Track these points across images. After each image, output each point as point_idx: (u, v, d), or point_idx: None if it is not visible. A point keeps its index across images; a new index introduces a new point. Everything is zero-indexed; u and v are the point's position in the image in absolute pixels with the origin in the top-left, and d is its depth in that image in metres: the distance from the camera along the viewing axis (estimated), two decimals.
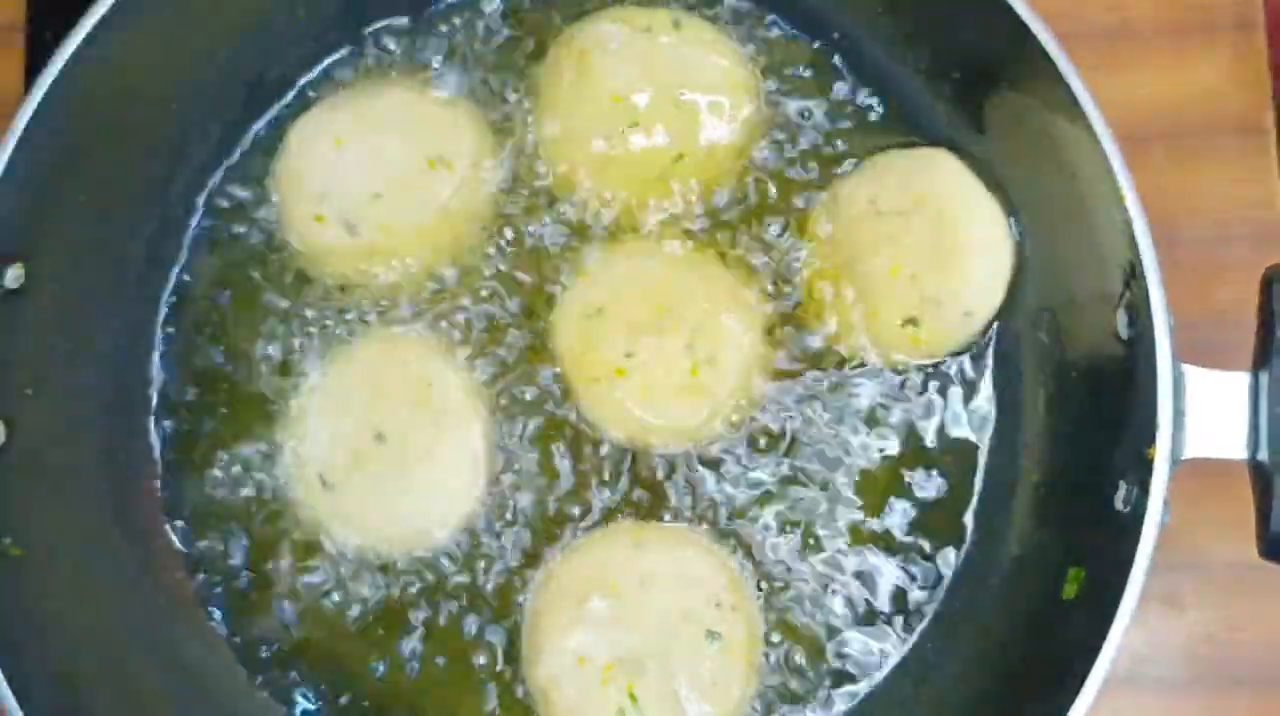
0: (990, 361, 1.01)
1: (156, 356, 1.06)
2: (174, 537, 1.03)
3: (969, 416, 1.01)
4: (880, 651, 0.99)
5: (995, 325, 1.01)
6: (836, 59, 1.06)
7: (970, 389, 1.01)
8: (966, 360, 1.01)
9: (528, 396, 1.02)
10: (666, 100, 1.02)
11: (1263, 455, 0.81)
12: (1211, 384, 0.82)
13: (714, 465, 1.01)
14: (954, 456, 1.01)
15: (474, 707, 1.00)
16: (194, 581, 1.03)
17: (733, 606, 0.97)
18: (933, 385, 1.01)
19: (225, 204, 1.06)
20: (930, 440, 1.01)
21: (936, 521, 1.00)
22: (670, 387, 0.99)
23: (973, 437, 1.01)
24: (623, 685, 0.95)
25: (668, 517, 1.00)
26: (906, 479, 1.01)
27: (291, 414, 1.03)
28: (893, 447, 1.01)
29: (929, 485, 1.01)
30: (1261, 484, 0.81)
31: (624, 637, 0.96)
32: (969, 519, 1.00)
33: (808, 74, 1.06)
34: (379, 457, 0.99)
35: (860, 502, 1.00)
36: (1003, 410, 1.01)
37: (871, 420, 1.01)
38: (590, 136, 1.03)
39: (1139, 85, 1.10)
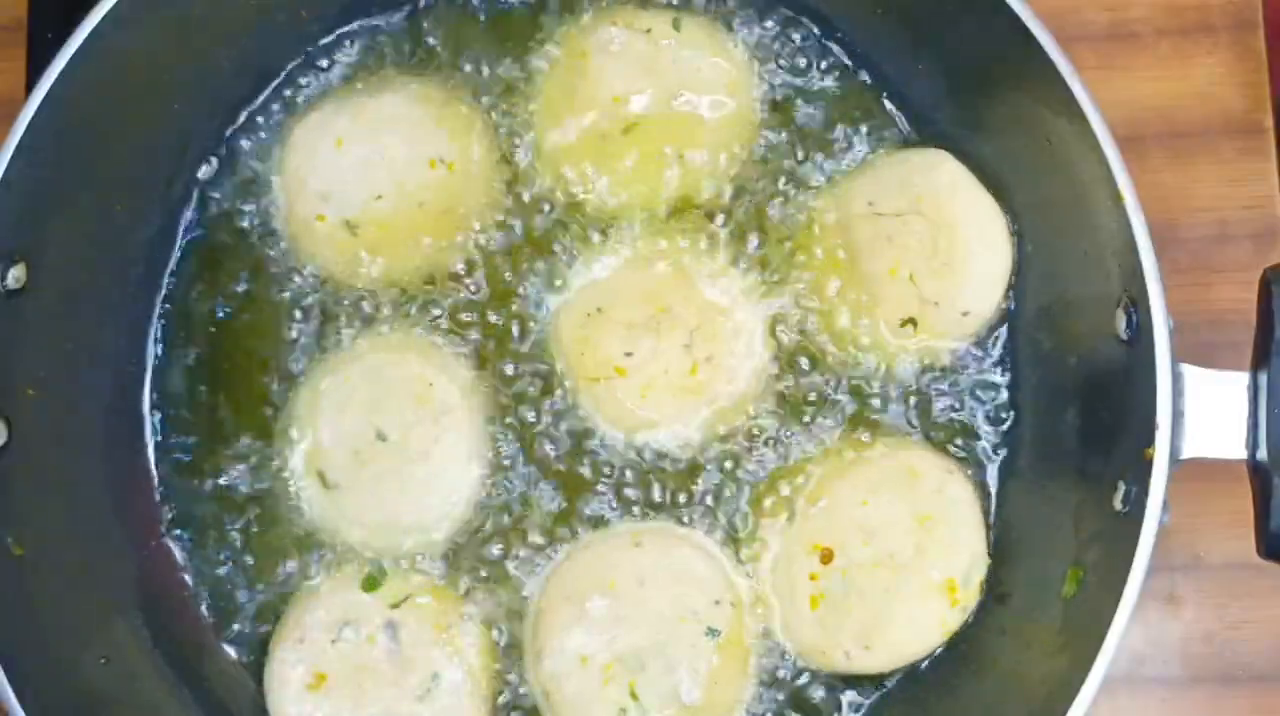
0: (989, 361, 1.01)
1: (157, 356, 1.06)
2: (174, 537, 1.03)
3: (968, 416, 1.01)
4: None
5: (994, 325, 1.01)
6: (837, 60, 1.06)
7: (969, 389, 1.01)
8: (965, 360, 1.01)
9: (528, 395, 1.02)
10: (666, 101, 1.02)
11: (1261, 455, 0.81)
12: (1210, 384, 0.82)
13: (712, 464, 1.01)
14: (953, 455, 1.01)
15: None
16: (193, 580, 1.03)
17: (732, 603, 0.97)
18: (931, 385, 1.01)
19: (226, 204, 1.06)
20: (930, 439, 1.01)
21: None
22: (669, 387, 1.00)
23: (971, 437, 1.01)
24: (624, 683, 0.95)
25: (667, 516, 1.01)
26: None
27: (292, 413, 1.03)
28: (892, 446, 1.01)
29: None
30: (1260, 484, 0.81)
31: (624, 636, 0.96)
32: None
33: (807, 75, 1.06)
34: (380, 456, 0.99)
35: None
36: (1001, 409, 1.01)
37: (870, 421, 1.01)
38: (590, 138, 1.03)
39: (1138, 85, 1.11)
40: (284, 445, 1.03)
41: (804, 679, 0.99)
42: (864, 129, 1.05)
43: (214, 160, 1.07)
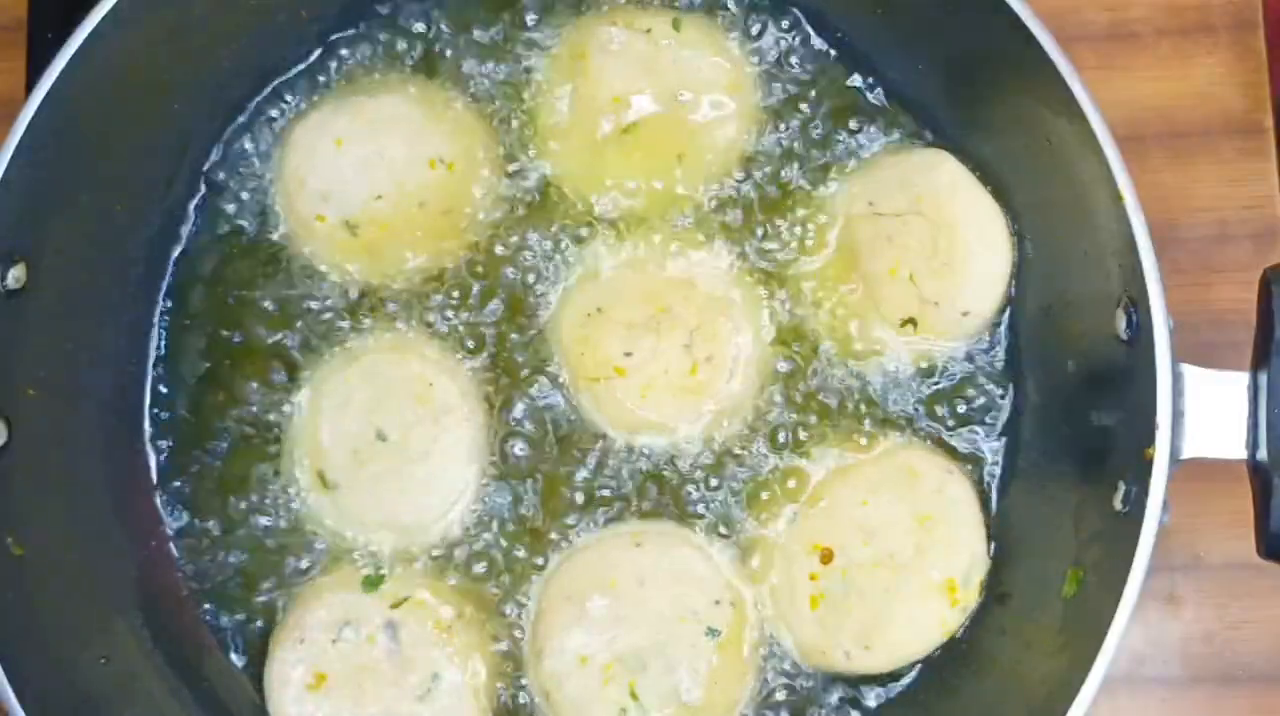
0: (989, 361, 1.01)
1: (156, 356, 1.06)
2: (173, 537, 1.03)
3: (968, 416, 1.01)
4: None
5: (994, 325, 1.01)
6: (836, 59, 1.06)
7: (969, 389, 1.01)
8: (965, 360, 1.01)
9: (528, 396, 1.02)
10: (666, 101, 1.02)
11: (1262, 455, 0.81)
12: (1211, 384, 0.82)
13: (713, 464, 1.01)
14: (953, 455, 1.01)
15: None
16: (194, 580, 1.03)
17: (732, 603, 0.97)
18: (931, 385, 1.01)
19: (226, 203, 1.06)
20: (930, 439, 1.01)
21: None
22: (669, 387, 1.00)
23: (971, 437, 1.01)
24: (624, 683, 0.95)
25: (667, 516, 1.01)
26: None
27: (292, 413, 1.03)
28: (893, 447, 1.01)
29: None
30: (1260, 484, 0.81)
31: (624, 636, 0.96)
32: None
33: (808, 74, 1.06)
34: (380, 456, 0.99)
35: None
36: (1001, 409, 1.01)
37: (870, 420, 1.01)
38: (590, 137, 1.03)
39: (1138, 85, 1.11)
40: (284, 445, 1.03)
41: (804, 678, 0.99)
42: (864, 129, 1.05)
43: (214, 160, 1.06)
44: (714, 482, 1.01)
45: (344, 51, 1.08)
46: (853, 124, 1.05)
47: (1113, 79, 1.10)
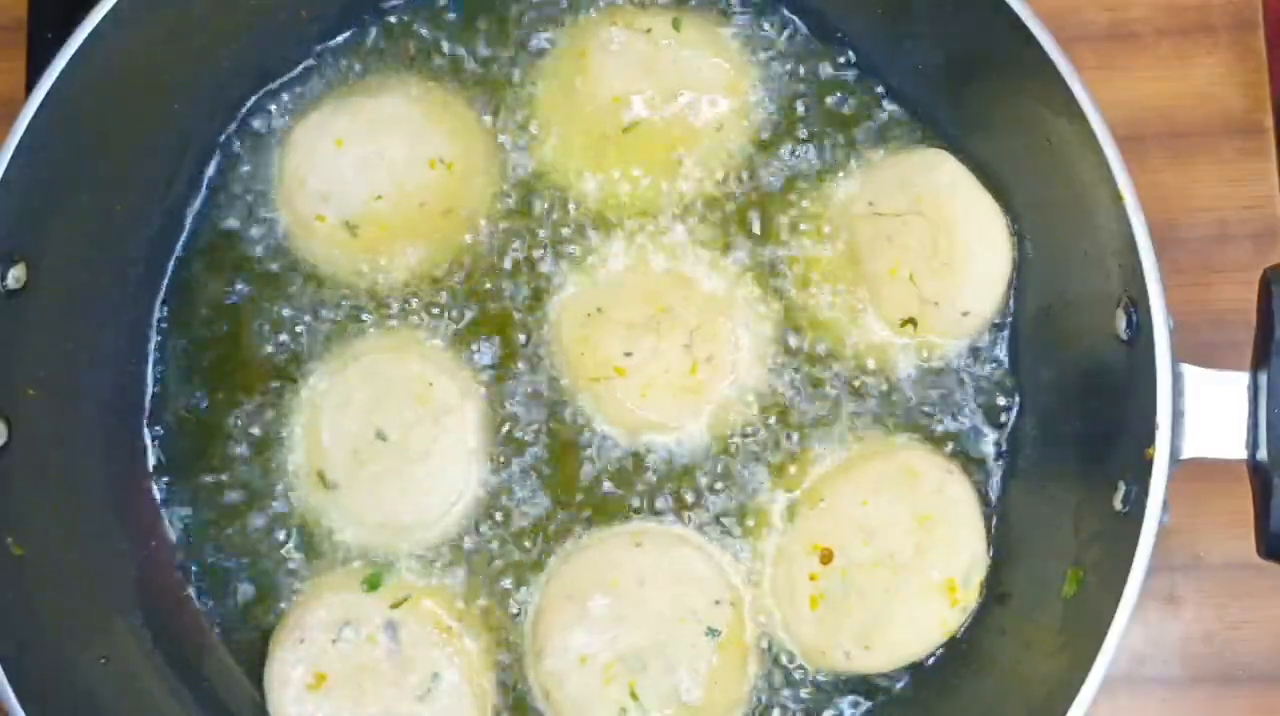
0: (989, 361, 1.01)
1: (156, 356, 1.06)
2: (174, 537, 1.03)
3: (968, 416, 1.01)
4: None
5: (994, 325, 1.01)
6: (837, 60, 1.06)
7: (969, 389, 1.01)
8: (965, 360, 1.01)
9: (528, 396, 1.02)
10: (666, 101, 1.02)
11: (1262, 455, 0.81)
12: (1211, 384, 0.82)
13: (712, 464, 1.01)
14: (953, 455, 1.01)
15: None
16: (194, 580, 1.03)
17: (732, 603, 0.97)
18: (932, 385, 1.01)
19: (226, 204, 1.06)
20: (930, 439, 1.01)
21: None
22: (669, 387, 1.00)
23: (972, 437, 1.01)
24: (624, 683, 0.95)
25: (667, 516, 1.01)
26: None
27: (292, 413, 1.03)
28: (893, 446, 1.01)
29: None
30: (1260, 484, 0.81)
31: (625, 636, 0.96)
32: None
33: (808, 75, 1.06)
34: (380, 456, 0.99)
35: None
36: (1001, 409, 1.01)
37: (870, 421, 1.01)
38: (590, 137, 1.03)
39: (1138, 85, 1.11)
40: (284, 445, 1.03)
41: (804, 679, 0.99)
42: (864, 129, 1.05)
43: (214, 160, 1.07)
44: (714, 482, 1.01)
45: (344, 52, 1.07)
46: (852, 124, 1.05)
47: (1113, 79, 1.10)
